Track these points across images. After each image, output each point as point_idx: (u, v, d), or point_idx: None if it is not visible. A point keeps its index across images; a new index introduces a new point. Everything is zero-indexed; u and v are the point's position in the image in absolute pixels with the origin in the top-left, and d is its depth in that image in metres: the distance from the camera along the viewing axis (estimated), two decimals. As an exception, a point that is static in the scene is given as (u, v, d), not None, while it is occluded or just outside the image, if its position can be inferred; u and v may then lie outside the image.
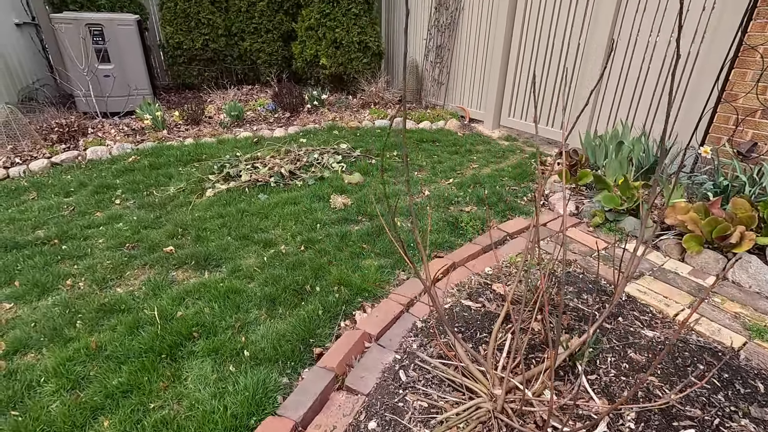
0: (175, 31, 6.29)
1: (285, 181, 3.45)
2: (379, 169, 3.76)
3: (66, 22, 5.00)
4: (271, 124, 5.32)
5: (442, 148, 4.46)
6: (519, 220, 2.84)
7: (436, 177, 3.70)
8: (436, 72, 5.94)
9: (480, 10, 5.11)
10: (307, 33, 6.21)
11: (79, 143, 4.35)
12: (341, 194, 3.27)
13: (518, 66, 4.86)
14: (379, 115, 5.54)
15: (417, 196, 3.31)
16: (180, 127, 5.08)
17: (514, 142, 4.88)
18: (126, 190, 3.37)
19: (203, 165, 3.82)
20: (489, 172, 3.81)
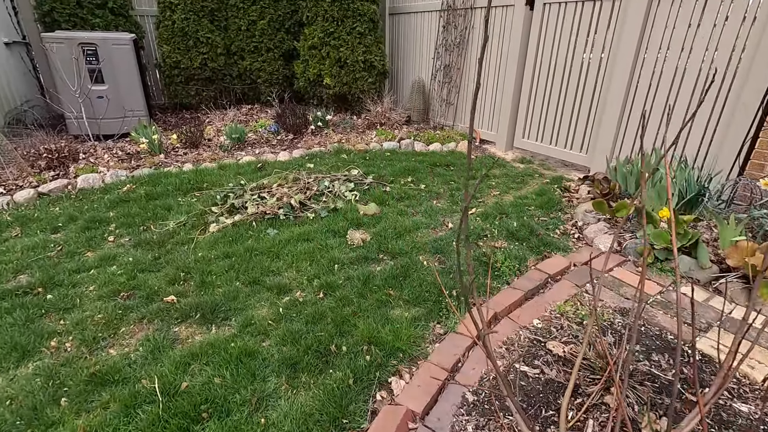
0: (173, 49, 6.07)
1: (295, 213, 3.17)
2: (395, 198, 3.50)
3: (58, 41, 4.75)
4: (275, 147, 5.06)
5: (457, 173, 4.22)
6: (558, 259, 2.58)
7: (456, 206, 3.44)
8: (444, 92, 5.75)
9: (491, 28, 4.94)
10: (310, 52, 6.02)
11: (70, 170, 4.05)
12: (358, 228, 3.00)
13: (533, 87, 4.67)
14: (386, 137, 5.31)
15: (439, 229, 3.04)
16: (178, 151, 4.80)
17: (529, 165, 4.66)
18: (120, 225, 3.06)
19: (205, 195, 3.53)
20: (512, 200, 3.56)
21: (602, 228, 2.88)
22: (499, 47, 4.92)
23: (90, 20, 5.67)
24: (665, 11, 3.41)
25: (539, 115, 4.69)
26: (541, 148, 4.78)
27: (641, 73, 3.65)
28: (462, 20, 5.26)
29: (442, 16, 5.52)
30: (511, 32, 4.69)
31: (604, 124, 3.98)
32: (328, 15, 5.68)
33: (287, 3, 6.33)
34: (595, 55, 4.01)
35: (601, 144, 4.05)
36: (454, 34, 5.40)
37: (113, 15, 5.85)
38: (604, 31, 3.89)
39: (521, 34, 4.55)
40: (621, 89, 3.78)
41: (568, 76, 4.30)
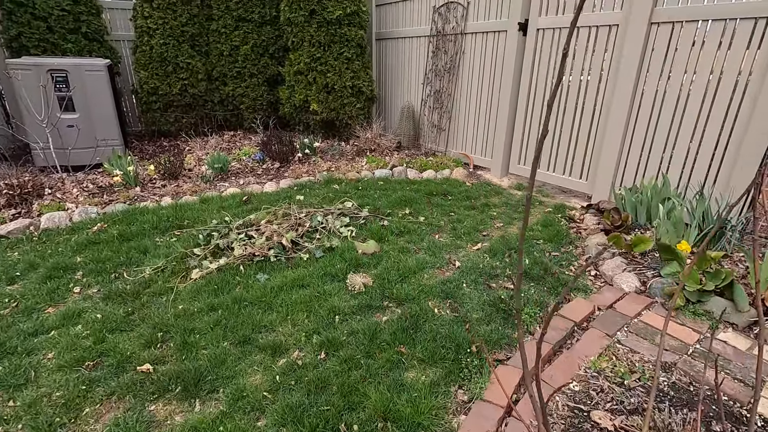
0: (151, 75, 5.79)
1: (287, 254, 2.89)
2: (395, 234, 3.26)
3: (24, 68, 4.42)
4: (260, 177, 4.79)
5: (455, 202, 4.02)
6: (580, 303, 2.36)
7: (460, 240, 3.22)
8: (434, 117, 5.62)
9: (483, 53, 4.86)
10: (296, 77, 5.83)
11: (33, 208, 3.67)
12: (357, 270, 2.73)
13: (528, 112, 4.57)
14: (377, 164, 5.11)
15: (445, 269, 2.80)
16: (156, 183, 4.47)
17: (526, 191, 4.50)
18: (89, 272, 2.71)
19: (186, 234, 3.21)
20: (517, 233, 3.36)
21: (619, 264, 2.69)
22: (492, 72, 4.82)
23: (62, 45, 5.37)
24: (666, 33, 3.34)
25: (535, 142, 4.57)
26: (538, 174, 4.64)
27: (643, 97, 3.57)
28: (452, 45, 5.17)
29: (431, 42, 5.43)
30: (504, 57, 4.60)
31: (605, 149, 3.86)
32: (315, 40, 5.53)
33: (271, 28, 6.17)
34: (593, 80, 3.93)
35: (602, 170, 3.93)
36: (444, 60, 5.30)
37: (87, 40, 5.56)
38: (602, 55, 3.82)
39: (515, 60, 4.47)
40: (622, 113, 3.68)
41: (564, 102, 4.21)
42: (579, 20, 3.91)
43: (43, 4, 5.16)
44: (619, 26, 3.64)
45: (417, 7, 5.59)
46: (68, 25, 5.34)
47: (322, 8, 5.37)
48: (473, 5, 4.85)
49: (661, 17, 3.33)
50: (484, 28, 4.77)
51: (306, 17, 5.46)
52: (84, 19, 5.42)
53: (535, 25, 4.27)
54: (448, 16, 5.14)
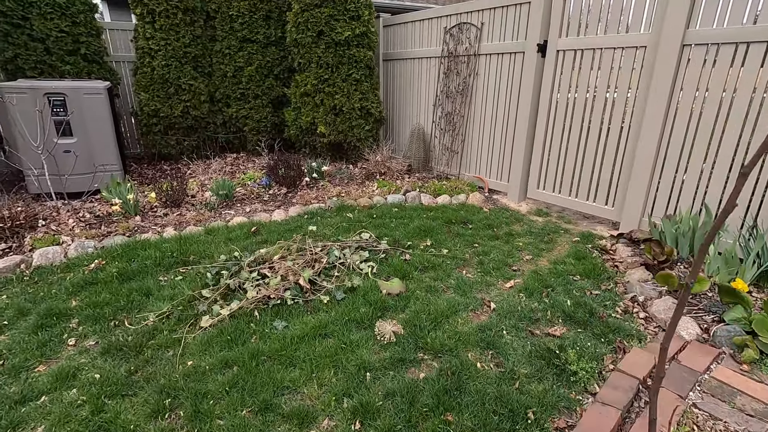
0: (151, 97, 5.59)
1: (305, 296, 2.63)
2: (418, 269, 3.01)
3: (20, 91, 4.20)
4: (267, 204, 4.55)
5: (477, 231, 3.79)
6: (638, 354, 2.12)
7: (489, 276, 2.98)
8: (446, 139, 5.44)
9: (498, 74, 4.71)
10: (303, 99, 5.65)
11: (25, 242, 3.40)
12: (384, 313, 2.48)
13: (548, 135, 4.39)
14: (389, 189, 4.89)
15: (480, 312, 2.56)
16: (157, 211, 4.22)
17: (548, 218, 4.30)
18: (85, 319, 2.44)
19: (192, 271, 2.95)
20: (550, 267, 3.13)
21: (670, 305, 2.46)
22: (508, 94, 4.66)
23: (60, 67, 5.17)
24: (700, 54, 3.19)
25: (556, 165, 4.38)
26: (559, 200, 4.44)
27: (676, 119, 3.39)
28: (465, 67, 5.02)
29: (442, 63, 5.29)
30: (521, 79, 4.45)
31: (634, 174, 3.67)
32: (323, 61, 5.37)
33: (276, 49, 6.02)
34: (620, 99, 3.76)
35: (631, 196, 3.73)
36: (456, 81, 5.15)
37: (86, 62, 5.38)
38: (629, 75, 3.66)
39: (533, 82, 4.31)
40: (653, 136, 3.50)
41: (588, 124, 4.03)
42: (603, 42, 3.76)
43: (41, 25, 4.98)
44: (647, 47, 3.49)
45: (427, 28, 5.47)
46: (67, 46, 5.16)
47: (330, 29, 5.23)
48: (488, 26, 4.72)
49: (695, 39, 3.18)
50: (499, 49, 4.63)
51: (313, 38, 5.31)
52: (83, 40, 5.25)
53: (554, 47, 4.13)
54: (461, 37, 5.01)
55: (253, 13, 5.75)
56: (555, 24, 4.08)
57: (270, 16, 5.89)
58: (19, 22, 4.94)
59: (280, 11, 5.89)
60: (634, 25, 3.56)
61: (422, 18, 5.49)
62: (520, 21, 4.38)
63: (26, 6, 4.93)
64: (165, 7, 5.35)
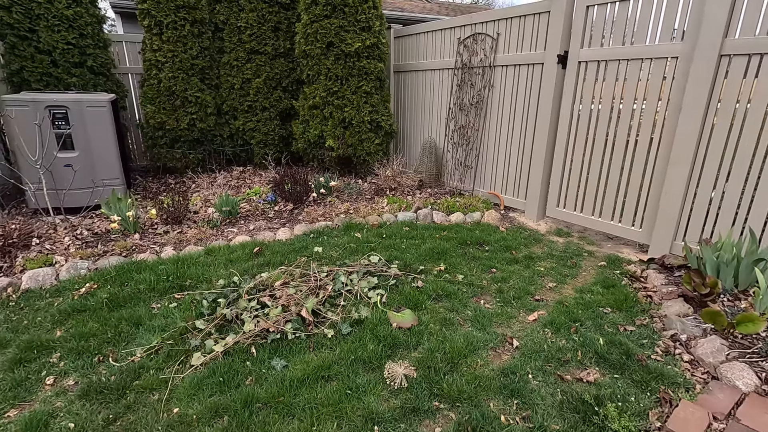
0: (158, 110, 5.48)
1: (307, 329, 2.39)
2: (432, 298, 2.76)
3: (21, 104, 4.09)
4: (272, 221, 4.35)
5: (494, 254, 3.53)
6: (688, 409, 1.83)
7: (510, 307, 2.72)
8: (460, 154, 5.21)
9: (515, 87, 4.49)
10: (311, 112, 5.48)
11: (17, 262, 3.23)
12: (394, 351, 2.23)
13: (569, 150, 4.14)
14: (400, 206, 4.66)
15: (502, 350, 2.29)
16: (157, 228, 4.04)
17: (568, 239, 4.03)
18: (68, 353, 2.23)
19: (187, 298, 2.74)
20: (576, 297, 2.86)
21: (719, 347, 2.17)
22: (525, 107, 4.43)
23: (66, 79, 5.09)
24: (740, 65, 2.93)
25: (578, 182, 4.12)
26: (581, 219, 4.16)
27: (713, 134, 3.12)
28: (480, 78, 4.81)
29: (456, 75, 5.09)
30: (540, 91, 4.22)
31: (666, 192, 3.39)
32: (332, 73, 5.21)
33: (285, 61, 5.89)
34: (648, 112, 3.51)
35: (663, 217, 3.44)
36: (470, 93, 4.94)
37: (93, 74, 5.29)
38: (658, 87, 3.41)
39: (553, 94, 4.08)
40: (686, 152, 3.23)
41: (613, 138, 3.77)
42: (629, 52, 3.52)
43: (48, 37, 4.90)
44: (679, 58, 3.24)
45: (440, 39, 5.28)
46: (73, 58, 5.07)
47: (340, 40, 5.07)
48: (504, 37, 4.51)
49: (734, 49, 2.93)
50: (516, 60, 4.42)
51: (323, 50, 5.15)
52: (90, 52, 5.16)
53: (576, 58, 3.90)
54: (475, 48, 4.81)
55: (262, 24, 5.63)
56: (577, 34, 3.86)
57: (279, 27, 5.77)
58: (26, 34, 4.87)
59: (289, 22, 5.77)
60: (664, 34, 3.32)
61: (435, 29, 5.31)
62: (538, 31, 4.17)
63: (34, 18, 4.86)
64: (173, 18, 5.25)
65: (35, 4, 4.81)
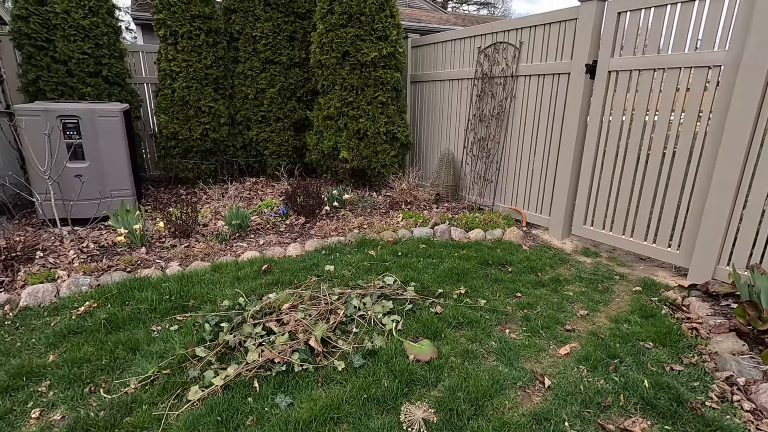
0: (171, 119, 5.41)
1: (316, 361, 2.18)
2: (452, 326, 2.53)
3: (33, 113, 4.04)
4: (283, 235, 4.18)
5: (518, 276, 3.29)
6: (760, 473, 1.56)
7: (538, 338, 2.47)
8: (479, 167, 4.99)
9: (539, 97, 4.27)
10: (325, 123, 5.34)
11: (18, 276, 3.11)
12: (411, 389, 2.00)
13: (597, 165, 3.88)
14: (416, 221, 4.45)
15: (531, 389, 2.04)
16: (165, 242, 3.91)
17: (597, 259, 3.75)
18: (58, 382, 2.07)
19: (189, 320, 2.57)
20: (610, 327, 2.59)
21: (786, 394, 1.88)
22: (549, 118, 4.20)
23: (80, 89, 5.05)
24: (794, 81, 2.66)
25: (607, 198, 3.85)
26: (610, 238, 3.89)
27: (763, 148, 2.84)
28: (501, 89, 4.61)
29: (476, 85, 4.90)
30: (566, 102, 3.99)
31: (708, 212, 3.11)
32: (347, 83, 5.07)
33: (300, 71, 5.79)
34: (688, 123, 3.24)
35: (704, 239, 3.16)
36: (491, 104, 4.73)
37: (107, 84, 5.25)
38: (699, 97, 3.15)
39: (580, 105, 3.84)
40: (733, 167, 2.96)
41: (647, 152, 3.51)
42: (665, 61, 3.28)
43: (64, 47, 4.89)
44: (723, 66, 2.99)
45: (459, 49, 5.11)
46: (89, 68, 5.05)
47: (356, 50, 4.94)
48: (527, 46, 4.30)
49: (788, 57, 2.67)
50: (540, 70, 4.20)
51: (338, 59, 5.02)
52: (105, 62, 5.13)
53: (605, 67, 3.67)
54: (497, 57, 4.61)
55: (277, 34, 5.55)
56: (606, 42, 3.63)
57: (294, 37, 5.68)
58: (43, 44, 4.86)
59: (304, 32, 5.68)
60: (705, 41, 3.07)
61: (454, 38, 5.14)
62: (564, 40, 3.95)
63: (51, 28, 4.86)
64: (188, 28, 5.20)
65: (53, 15, 4.81)
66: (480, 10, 36.23)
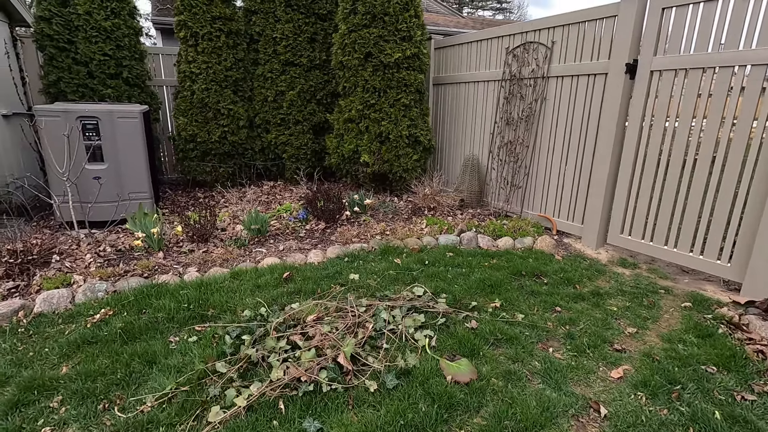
0: (189, 122, 5.33)
1: (346, 380, 2.01)
2: (490, 343, 2.33)
3: (53, 114, 3.98)
4: (303, 241, 4.03)
5: (555, 289, 3.07)
6: None
7: (585, 358, 2.25)
8: (506, 172, 4.79)
9: (572, 99, 4.06)
10: (346, 125, 5.20)
11: (34, 281, 3.01)
12: (452, 415, 1.81)
13: (636, 170, 3.65)
14: (440, 228, 4.26)
15: (586, 421, 1.83)
16: (182, 246, 3.79)
17: (636, 270, 3.51)
18: (70, 397, 1.93)
19: (209, 331, 2.42)
20: (665, 347, 2.36)
21: None
22: (584, 121, 3.99)
23: (101, 91, 5.01)
24: None
25: (647, 205, 3.61)
26: (649, 248, 3.64)
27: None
28: (531, 91, 4.41)
29: (503, 87, 4.70)
30: (602, 104, 3.78)
31: (765, 223, 2.86)
32: (369, 85, 4.93)
33: (320, 73, 5.67)
34: (741, 130, 3.00)
35: (760, 252, 2.90)
36: (520, 107, 4.53)
37: (128, 85, 5.20)
38: (755, 98, 2.91)
39: (619, 107, 3.63)
40: (795, 182, 2.71)
41: (693, 159, 3.27)
42: (716, 59, 3.05)
43: (85, 48, 4.85)
44: (784, 65, 2.75)
45: (485, 49, 4.92)
46: (109, 69, 5.00)
47: (379, 51, 4.80)
48: (559, 45, 4.10)
49: None
50: (574, 71, 3.99)
51: (360, 60, 4.89)
52: (126, 63, 5.08)
53: (648, 67, 3.45)
54: (526, 58, 4.42)
55: (298, 35, 5.44)
56: (649, 40, 3.42)
57: (315, 38, 5.57)
58: (65, 45, 4.83)
59: (325, 33, 5.57)
60: (763, 37, 2.84)
61: (480, 38, 4.96)
62: (601, 38, 3.75)
63: (73, 30, 4.83)
64: (209, 29, 5.13)
65: (75, 16, 4.78)
66: (496, 15, 36.04)
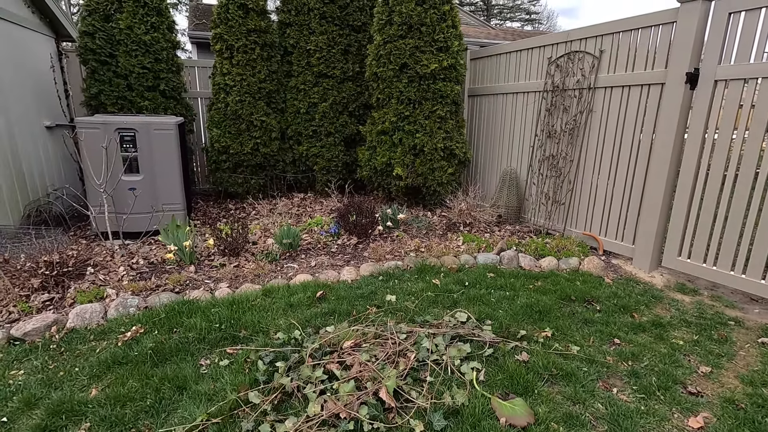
0: (223, 133, 5.34)
1: (389, 419, 1.83)
2: (544, 380, 2.10)
3: (93, 126, 4.03)
4: (335, 256, 3.90)
5: (609, 316, 2.81)
6: None
7: (656, 402, 2.00)
8: (548, 187, 4.54)
9: (622, 111, 3.80)
10: (379, 138, 5.09)
11: (68, 293, 2.99)
12: (509, 467, 1.60)
13: (697, 185, 3.36)
14: (478, 245, 4.05)
15: (667, 478, 1.59)
16: (213, 259, 3.73)
17: (696, 297, 3.20)
18: (99, 423, 1.83)
19: (241, 355, 2.29)
20: (747, 391, 2.08)
21: None
22: (635, 134, 3.72)
23: (138, 103, 5.08)
24: None
25: (709, 228, 3.30)
26: (711, 273, 3.32)
27: None
28: (576, 102, 4.17)
29: (545, 98, 4.48)
30: (657, 116, 3.51)
31: None
32: (404, 97, 4.80)
33: (353, 84, 5.60)
34: (825, 151, 2.69)
35: None
36: (564, 119, 4.30)
37: (164, 97, 5.27)
38: (843, 117, 2.60)
39: (678, 119, 3.36)
40: None
41: (766, 175, 2.96)
42: (795, 67, 2.76)
43: (125, 62, 4.94)
44: None
45: (525, 60, 4.73)
46: (147, 82, 5.08)
47: (415, 62, 4.68)
48: (608, 54, 3.87)
49: None
50: (625, 81, 3.75)
51: (395, 71, 4.78)
52: (163, 76, 5.15)
53: (711, 76, 3.17)
54: (570, 68, 4.20)
55: (331, 47, 5.40)
56: (713, 48, 3.15)
57: (348, 50, 5.52)
58: (107, 59, 4.94)
59: (359, 45, 5.50)
60: None
61: (519, 48, 4.77)
62: (657, 46, 3.50)
63: (114, 44, 4.93)
64: (244, 42, 5.15)
65: (116, 31, 4.88)
66: (524, 26, 35.69)
